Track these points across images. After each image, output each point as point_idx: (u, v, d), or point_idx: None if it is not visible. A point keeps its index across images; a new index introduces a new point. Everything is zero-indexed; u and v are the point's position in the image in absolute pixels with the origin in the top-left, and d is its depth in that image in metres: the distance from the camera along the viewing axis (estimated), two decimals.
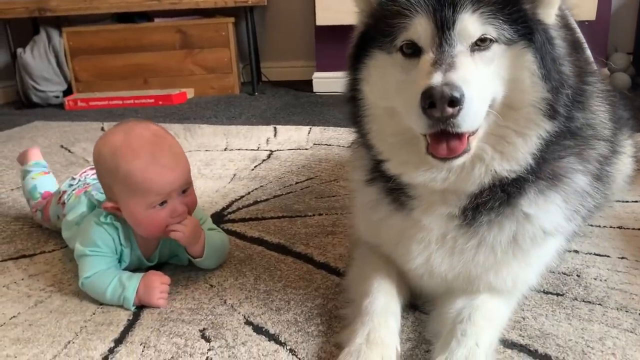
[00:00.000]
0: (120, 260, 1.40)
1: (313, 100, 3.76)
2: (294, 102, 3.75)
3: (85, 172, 1.73)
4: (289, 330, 1.19)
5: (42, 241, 1.68)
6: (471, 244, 1.09)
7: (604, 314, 1.19)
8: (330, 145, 2.61)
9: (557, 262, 1.28)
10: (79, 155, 2.63)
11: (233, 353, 1.12)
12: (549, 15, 1.00)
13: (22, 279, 1.46)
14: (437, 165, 1.01)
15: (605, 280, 1.32)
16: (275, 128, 2.97)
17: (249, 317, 1.25)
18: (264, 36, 4.49)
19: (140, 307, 1.30)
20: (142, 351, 1.14)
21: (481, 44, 0.95)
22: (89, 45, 3.97)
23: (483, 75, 0.95)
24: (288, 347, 1.13)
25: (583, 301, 1.24)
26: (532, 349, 1.09)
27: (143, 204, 1.30)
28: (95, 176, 1.55)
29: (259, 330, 1.20)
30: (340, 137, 2.73)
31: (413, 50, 0.98)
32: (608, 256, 1.43)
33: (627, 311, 1.20)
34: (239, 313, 1.26)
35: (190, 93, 4.01)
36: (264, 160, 2.42)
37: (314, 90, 4.01)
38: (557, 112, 0.99)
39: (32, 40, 3.91)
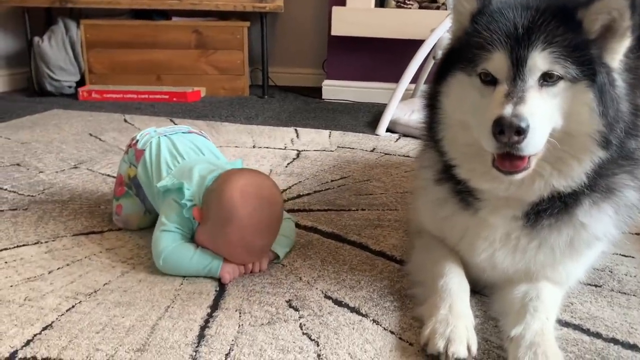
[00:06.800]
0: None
1: (323, 107, 3.91)
2: (305, 106, 3.90)
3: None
4: (367, 305, 1.32)
5: (106, 220, 1.77)
6: (533, 244, 1.24)
7: None
8: (353, 148, 2.76)
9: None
10: (111, 143, 2.71)
11: (323, 320, 1.25)
12: (614, 60, 1.14)
13: (101, 252, 1.56)
14: (500, 177, 1.16)
15: (635, 276, 1.50)
16: (296, 130, 3.11)
17: (326, 292, 1.38)
18: (274, 41, 4.63)
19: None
20: (240, 316, 1.26)
21: (549, 79, 1.10)
22: (106, 38, 4.04)
23: (547, 108, 1.10)
24: (371, 318, 1.27)
25: (619, 292, 1.42)
26: (584, 328, 1.26)
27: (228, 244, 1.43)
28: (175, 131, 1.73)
29: (339, 303, 1.33)
30: (361, 141, 2.89)
31: (490, 79, 1.14)
32: (633, 257, 1.62)
33: None
34: (316, 289, 1.39)
35: (202, 92, 4.11)
36: (294, 159, 2.55)
37: (323, 97, 4.16)
38: (609, 143, 1.13)
39: (50, 30, 3.95)
